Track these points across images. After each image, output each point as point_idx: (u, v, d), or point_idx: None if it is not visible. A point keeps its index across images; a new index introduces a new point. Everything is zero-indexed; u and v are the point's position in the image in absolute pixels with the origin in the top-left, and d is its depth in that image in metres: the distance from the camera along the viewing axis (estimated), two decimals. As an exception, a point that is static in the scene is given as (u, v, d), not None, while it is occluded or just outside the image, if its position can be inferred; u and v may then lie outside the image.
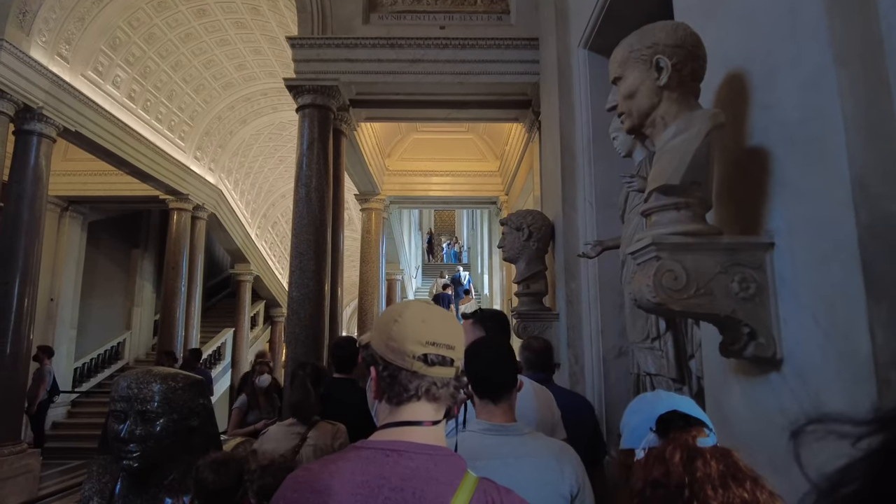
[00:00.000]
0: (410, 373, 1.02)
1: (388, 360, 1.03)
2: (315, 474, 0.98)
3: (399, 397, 1.03)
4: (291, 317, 5.71)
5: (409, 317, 1.05)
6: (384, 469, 0.95)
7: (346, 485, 0.94)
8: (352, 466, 0.97)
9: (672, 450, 1.05)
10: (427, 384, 1.02)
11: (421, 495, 0.93)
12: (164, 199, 11.14)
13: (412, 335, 1.02)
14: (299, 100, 6.23)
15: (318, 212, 5.93)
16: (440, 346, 1.02)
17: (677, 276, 1.64)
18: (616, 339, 4.21)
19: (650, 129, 1.83)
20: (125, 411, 2.38)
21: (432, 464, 0.97)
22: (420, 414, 1.03)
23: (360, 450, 1.01)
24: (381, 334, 1.06)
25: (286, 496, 0.98)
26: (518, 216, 5.02)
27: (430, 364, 1.01)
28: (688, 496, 0.97)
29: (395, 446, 0.99)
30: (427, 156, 11.05)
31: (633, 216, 3.40)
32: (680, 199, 1.70)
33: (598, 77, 4.60)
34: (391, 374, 1.03)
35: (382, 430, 1.04)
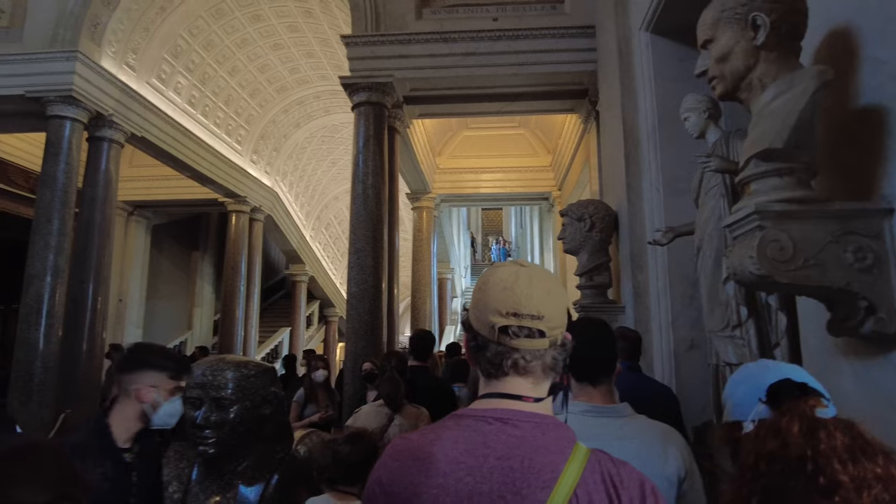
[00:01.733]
0: (496, 344, 0.94)
1: (476, 329, 0.97)
2: (415, 443, 0.95)
3: (487, 370, 0.97)
4: (350, 312, 5.75)
5: (493, 283, 0.97)
6: (488, 437, 0.90)
7: (449, 453, 0.90)
8: (453, 434, 0.92)
9: (789, 420, 0.95)
10: (513, 358, 0.94)
11: (529, 465, 0.87)
12: (222, 201, 11.49)
13: (493, 304, 0.94)
14: (354, 98, 6.28)
15: (375, 208, 5.96)
16: (523, 316, 0.92)
17: (783, 246, 1.52)
18: (688, 331, 4.04)
19: (745, 94, 1.71)
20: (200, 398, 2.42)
21: (540, 432, 0.91)
22: (518, 388, 0.95)
23: (460, 418, 0.96)
24: (473, 301, 1.00)
25: (386, 464, 0.96)
26: (579, 206, 4.89)
27: (513, 336, 0.93)
28: (811, 470, 0.86)
29: (499, 414, 0.93)
30: (477, 153, 10.99)
31: (708, 199, 3.24)
32: (783, 165, 1.58)
33: (661, 60, 4.44)
34: (479, 345, 0.97)
35: (482, 399, 0.98)
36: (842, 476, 0.84)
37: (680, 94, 3.74)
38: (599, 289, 4.83)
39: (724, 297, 3.04)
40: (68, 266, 6.70)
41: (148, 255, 13.09)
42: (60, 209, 6.59)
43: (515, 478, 0.86)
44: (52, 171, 6.61)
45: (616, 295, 4.95)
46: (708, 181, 3.25)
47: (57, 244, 6.49)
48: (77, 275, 6.85)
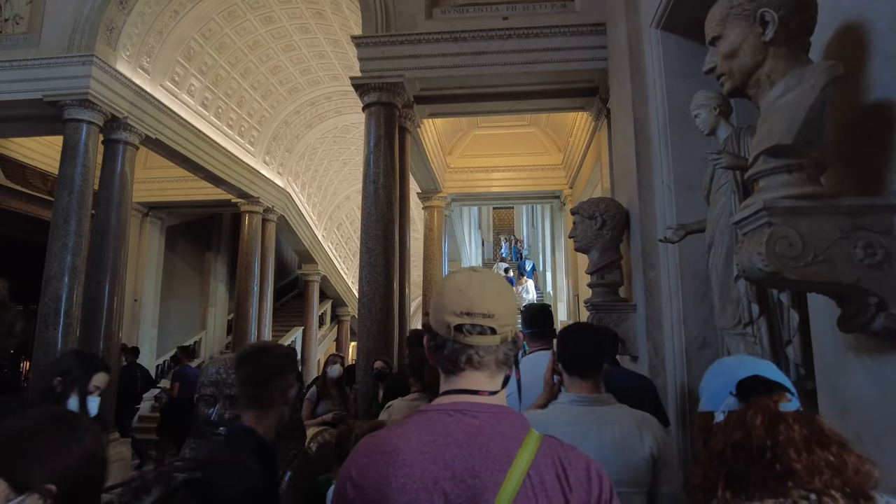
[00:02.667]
0: (452, 342, 1.04)
1: (435, 331, 1.07)
2: (383, 438, 1.02)
3: (446, 367, 1.07)
4: (362, 311, 5.79)
5: (448, 287, 1.07)
6: (449, 428, 0.98)
7: (413, 444, 0.97)
8: (417, 427, 1.00)
9: (753, 413, 1.07)
10: (468, 354, 1.04)
11: (487, 451, 0.95)
12: (235, 202, 11.59)
13: (449, 306, 1.04)
14: (365, 98, 6.32)
15: (386, 208, 5.99)
16: (475, 315, 1.02)
17: (792, 242, 1.52)
18: (699, 329, 4.02)
19: (753, 90, 1.71)
20: (214, 395, 2.46)
21: (496, 421, 0.99)
22: (475, 383, 1.05)
23: (424, 412, 1.04)
24: (431, 305, 1.11)
25: (356, 460, 1.02)
26: (590, 204, 4.88)
27: (467, 334, 1.03)
28: (770, 458, 0.99)
29: (458, 407, 1.02)
30: (488, 151, 10.98)
31: (719, 196, 3.22)
32: (792, 161, 1.58)
33: (672, 57, 4.42)
34: (438, 345, 1.06)
35: (443, 395, 1.07)
36: (795, 464, 0.96)
37: (691, 91, 3.72)
38: (611, 287, 4.82)
39: (736, 294, 3.03)
40: (85, 266, 6.80)
41: (162, 256, 13.25)
42: (77, 211, 6.69)
43: (475, 463, 0.94)
44: (70, 173, 6.72)
45: (627, 293, 4.94)
46: (719, 178, 3.23)
47: (74, 245, 6.60)
48: (93, 275, 6.96)
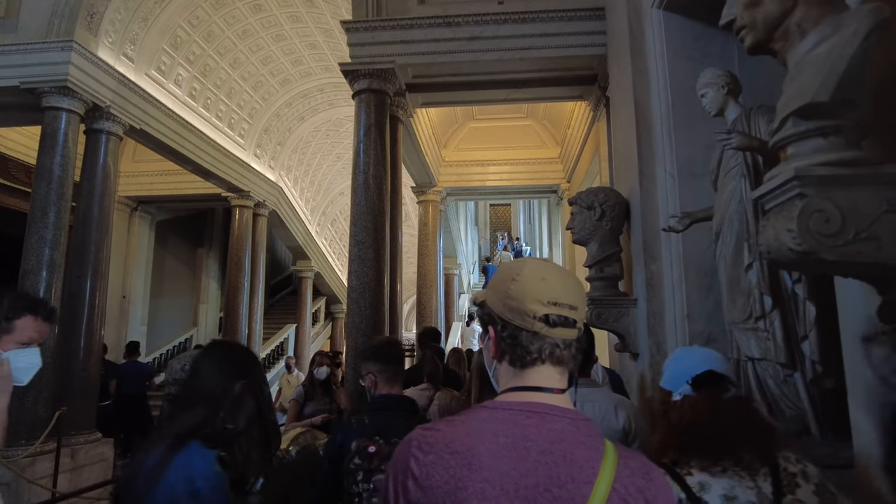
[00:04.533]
0: (532, 333, 0.96)
1: (506, 320, 0.99)
2: (448, 435, 0.92)
3: (523, 360, 0.98)
4: (351, 306, 5.56)
5: (528, 274, 0.99)
6: (528, 431, 0.91)
7: (490, 446, 0.89)
8: (491, 427, 0.92)
9: (703, 401, 1.45)
10: (550, 346, 0.97)
11: (571, 459, 0.89)
12: (225, 196, 11.34)
13: (532, 294, 0.97)
14: (355, 85, 6.08)
15: (376, 199, 5.75)
16: (562, 305, 0.97)
17: (829, 217, 1.29)
18: (704, 325, 3.80)
19: (780, 43, 1.48)
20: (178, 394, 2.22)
21: (574, 428, 0.93)
22: (547, 379, 0.98)
23: (494, 410, 0.95)
24: (499, 293, 1.01)
25: (416, 457, 0.91)
26: (589, 194, 4.66)
27: (552, 325, 0.96)
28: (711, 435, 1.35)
29: (535, 408, 0.94)
30: (484, 145, 10.74)
31: (728, 180, 3.01)
32: (828, 122, 1.35)
33: (674, 39, 4.20)
34: (511, 335, 0.98)
35: (510, 392, 0.98)
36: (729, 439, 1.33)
37: (694, 74, 3.52)
38: (610, 280, 4.60)
39: (747, 285, 2.82)
40: (65, 261, 6.55)
41: (152, 252, 12.99)
42: (56, 202, 6.43)
43: (559, 472, 0.88)
44: (48, 163, 6.46)
45: (627, 287, 4.72)
46: (727, 161, 3.02)
47: (53, 238, 6.34)
48: (74, 270, 6.71)
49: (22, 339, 1.73)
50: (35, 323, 1.77)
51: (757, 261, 2.75)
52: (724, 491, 1.30)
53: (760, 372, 2.77)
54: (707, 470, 1.33)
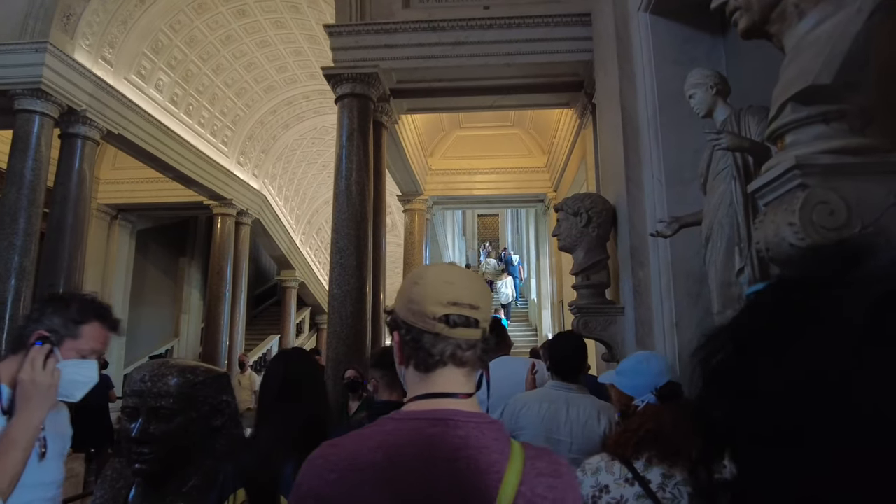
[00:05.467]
0: (433, 335, 0.96)
1: (410, 324, 0.98)
2: (353, 450, 0.90)
3: (426, 363, 0.97)
4: (332, 315, 5.40)
5: (430, 277, 1.00)
6: (433, 440, 0.90)
7: (394, 459, 0.88)
8: (396, 439, 0.91)
9: (667, 413, 1.62)
10: (451, 347, 0.96)
11: (475, 465, 0.89)
12: (208, 204, 11.14)
13: (433, 296, 0.97)
14: (338, 89, 5.97)
15: (359, 205, 5.62)
16: (462, 305, 0.96)
17: (834, 209, 1.18)
18: (693, 333, 3.70)
19: (777, 25, 1.38)
20: (137, 407, 2.06)
21: (479, 432, 0.92)
22: (452, 384, 0.97)
23: (399, 421, 0.95)
24: (403, 297, 1.01)
25: (321, 475, 0.88)
26: (575, 200, 4.57)
27: (453, 325, 0.95)
28: (665, 441, 1.55)
29: (440, 415, 0.93)
30: (471, 153, 10.66)
31: (717, 183, 2.92)
32: (831, 107, 1.25)
33: (661, 42, 4.15)
34: (414, 338, 0.98)
35: (417, 400, 0.98)
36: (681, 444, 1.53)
37: (682, 78, 3.44)
38: (597, 288, 4.50)
39: (738, 291, 2.71)
40: (36, 269, 6.33)
41: (132, 261, 12.71)
42: (27, 208, 6.23)
43: (463, 479, 0.87)
44: (19, 167, 6.26)
45: (614, 295, 4.62)
46: (717, 163, 2.93)
47: (23, 245, 6.13)
48: (46, 278, 6.49)
49: (85, 348, 1.56)
50: (101, 332, 1.62)
51: (748, 265, 2.65)
52: (663, 470, 1.56)
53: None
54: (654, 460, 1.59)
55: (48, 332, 1.47)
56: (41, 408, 1.44)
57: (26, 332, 1.48)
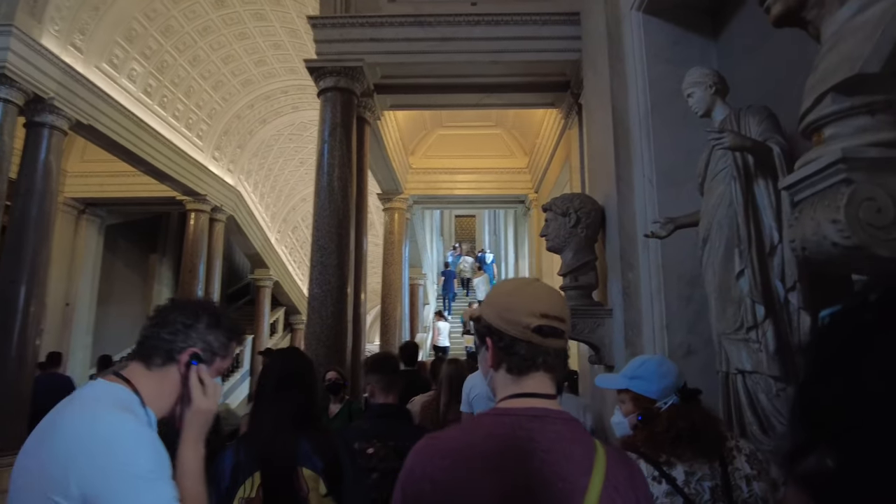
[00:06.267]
0: (526, 343, 1.06)
1: (503, 331, 1.07)
2: (460, 441, 1.01)
3: (520, 367, 1.07)
4: (312, 315, 5.23)
5: (520, 290, 1.12)
6: (532, 433, 1.00)
7: (499, 447, 0.97)
8: (500, 431, 1.00)
9: (694, 412, 1.75)
10: (543, 355, 1.06)
11: (570, 455, 0.99)
12: (181, 199, 10.82)
13: (526, 307, 1.06)
14: (321, 83, 5.81)
15: (341, 202, 5.47)
16: (552, 318, 1.06)
17: (881, 206, 1.11)
18: (684, 335, 3.66)
19: (814, 11, 1.30)
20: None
21: (569, 428, 1.03)
22: (542, 386, 1.07)
23: (500, 416, 1.04)
24: (495, 307, 1.10)
25: (434, 462, 0.98)
26: (563, 200, 4.49)
27: (545, 335, 1.06)
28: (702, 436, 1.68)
29: (537, 412, 1.03)
30: (452, 153, 10.57)
31: (716, 184, 2.86)
32: (877, 98, 1.17)
33: (654, 42, 4.10)
34: (508, 345, 1.07)
35: (511, 398, 1.07)
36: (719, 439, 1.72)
37: (674, 78, 3.41)
38: (585, 290, 4.43)
39: (738, 294, 2.66)
40: (-5, 263, 6.02)
41: (100, 257, 12.28)
42: (-13, 200, 5.91)
43: (562, 468, 0.97)
44: (-20, 157, 5.94)
45: (602, 297, 4.56)
46: (716, 163, 2.87)
47: (-18, 238, 5.82)
48: (7, 274, 6.17)
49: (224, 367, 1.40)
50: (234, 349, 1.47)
51: (749, 267, 2.59)
52: (686, 468, 1.64)
53: (751, 385, 2.60)
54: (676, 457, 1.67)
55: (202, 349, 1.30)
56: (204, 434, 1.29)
57: (175, 346, 1.28)
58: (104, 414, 1.12)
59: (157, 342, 1.27)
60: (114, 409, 1.14)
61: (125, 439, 1.09)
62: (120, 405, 1.16)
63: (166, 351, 1.27)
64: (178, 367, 1.27)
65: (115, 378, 1.24)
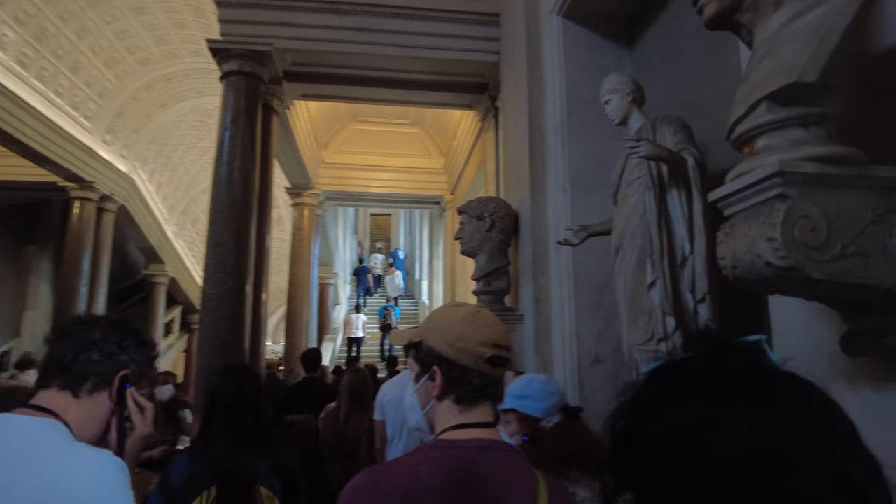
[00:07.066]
0: (479, 373, 1.04)
1: (454, 360, 1.05)
2: (406, 476, 0.97)
3: (471, 397, 1.05)
4: (205, 318, 4.80)
5: (472, 319, 1.09)
6: (479, 465, 0.98)
7: (448, 482, 0.95)
8: (447, 465, 0.98)
9: (580, 429, 1.83)
10: (492, 385, 1.07)
11: (516, 488, 0.99)
12: (64, 185, 9.78)
13: (479, 336, 1.05)
14: (224, 66, 5.37)
15: (242, 195, 5.06)
16: (502, 347, 1.07)
17: (815, 225, 1.03)
18: (593, 343, 3.66)
19: (748, 15, 1.22)
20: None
21: (512, 459, 1.03)
22: (486, 415, 1.06)
23: (446, 449, 1.01)
24: (444, 335, 1.07)
25: (382, 501, 0.93)
26: (479, 203, 4.41)
27: (495, 365, 1.05)
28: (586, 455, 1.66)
29: (483, 444, 1.01)
30: (368, 149, 10.26)
31: (630, 193, 2.84)
32: (812, 110, 1.10)
33: (572, 47, 4.10)
34: (459, 375, 1.04)
35: (455, 430, 1.04)
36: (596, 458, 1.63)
37: (592, 86, 3.40)
38: (497, 295, 4.36)
39: (648, 305, 2.64)
40: None
41: (-37, 247, 10.86)
42: None
43: (509, 500, 0.97)
44: None
45: (514, 302, 4.51)
46: (630, 172, 2.85)
47: None
48: None
49: None
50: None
51: (661, 278, 2.58)
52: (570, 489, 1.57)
53: (659, 397, 2.59)
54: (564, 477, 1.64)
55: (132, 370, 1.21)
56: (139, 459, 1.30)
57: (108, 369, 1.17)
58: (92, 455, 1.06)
59: (87, 366, 1.15)
60: (85, 447, 1.07)
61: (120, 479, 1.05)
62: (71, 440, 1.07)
63: (98, 375, 1.16)
64: (111, 392, 1.17)
65: (35, 412, 1.09)
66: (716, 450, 0.47)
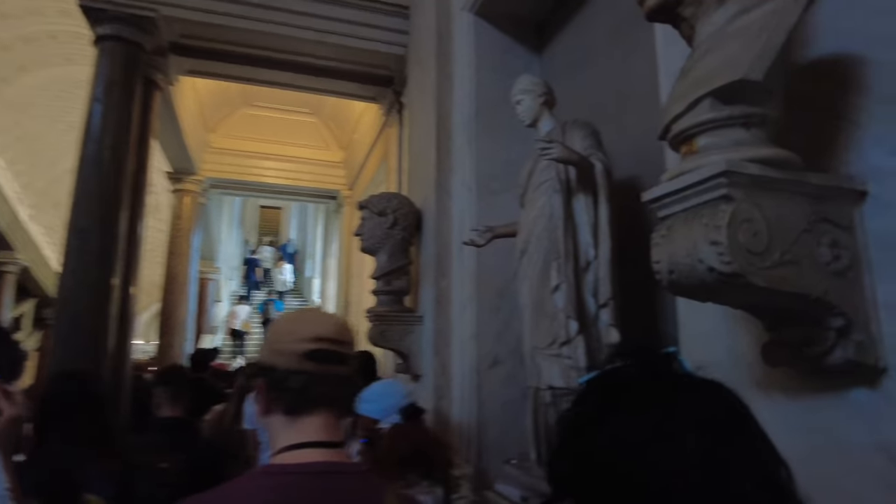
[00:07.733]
0: (301, 374, 0.93)
1: (274, 366, 0.94)
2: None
3: (295, 403, 0.93)
4: (61, 314, 4.19)
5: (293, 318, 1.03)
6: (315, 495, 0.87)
7: None
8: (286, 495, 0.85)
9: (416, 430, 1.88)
10: (321, 385, 0.94)
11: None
12: None
13: (296, 333, 0.95)
14: (98, 29, 4.75)
15: (112, 177, 4.48)
16: (328, 340, 0.95)
17: (757, 230, 0.99)
18: (492, 346, 3.63)
19: (691, 9, 1.17)
20: None
21: (362, 483, 0.94)
22: (324, 430, 0.94)
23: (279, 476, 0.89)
24: (267, 341, 0.99)
25: None
26: (381, 199, 4.24)
27: (321, 361, 0.93)
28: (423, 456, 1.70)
29: (322, 468, 0.90)
30: (261, 136, 9.65)
31: (538, 196, 2.81)
32: (754, 110, 1.06)
33: (483, 46, 4.07)
34: (280, 379, 0.93)
35: (286, 451, 0.92)
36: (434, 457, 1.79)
37: (502, 86, 3.41)
38: (397, 295, 4.22)
39: (552, 308, 2.62)
40: None
41: None
42: None
43: None
44: None
45: (413, 303, 4.38)
46: (539, 175, 2.83)
47: None
48: None
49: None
50: None
51: (565, 282, 2.57)
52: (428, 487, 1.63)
53: (559, 404, 2.57)
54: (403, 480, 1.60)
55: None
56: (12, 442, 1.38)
57: None
58: None
59: None
60: None
61: None
62: None
63: None
64: None
65: None
66: (665, 460, 0.49)
